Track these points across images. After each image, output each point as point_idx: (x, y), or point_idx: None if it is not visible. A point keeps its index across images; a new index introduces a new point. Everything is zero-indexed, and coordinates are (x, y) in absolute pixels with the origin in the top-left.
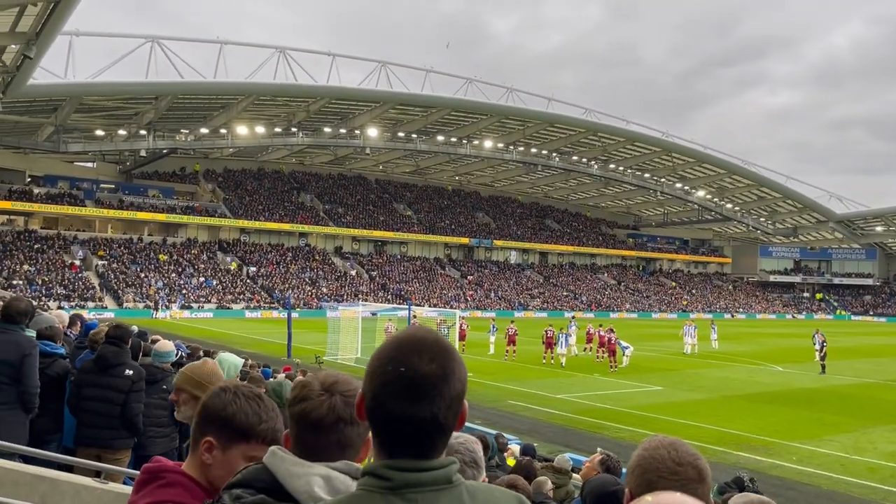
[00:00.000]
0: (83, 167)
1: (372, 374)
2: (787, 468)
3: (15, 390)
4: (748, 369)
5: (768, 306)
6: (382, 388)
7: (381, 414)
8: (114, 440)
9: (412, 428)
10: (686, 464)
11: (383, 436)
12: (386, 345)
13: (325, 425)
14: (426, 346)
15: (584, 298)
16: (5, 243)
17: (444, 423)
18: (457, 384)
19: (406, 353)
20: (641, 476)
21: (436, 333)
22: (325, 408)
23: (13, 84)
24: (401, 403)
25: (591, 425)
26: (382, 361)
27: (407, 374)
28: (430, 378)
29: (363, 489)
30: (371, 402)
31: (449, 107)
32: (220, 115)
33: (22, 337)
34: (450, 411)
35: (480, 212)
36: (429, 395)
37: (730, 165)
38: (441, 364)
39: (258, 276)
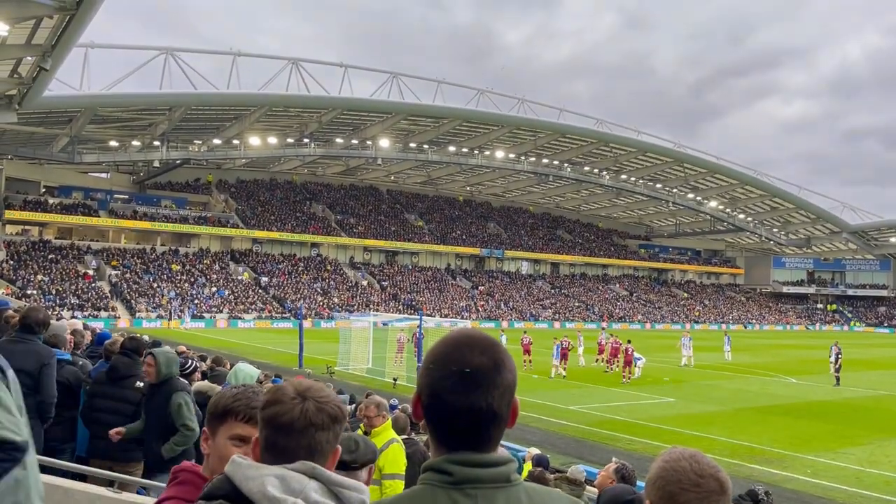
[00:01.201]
0: (97, 178)
1: (428, 371)
2: (803, 481)
3: (33, 400)
4: (762, 381)
5: (782, 317)
6: (439, 383)
7: (440, 407)
8: (125, 452)
9: (469, 418)
10: (708, 475)
11: (442, 430)
12: (438, 344)
13: (295, 429)
14: (476, 341)
15: (595, 309)
16: (20, 253)
17: (499, 412)
18: (508, 374)
19: (458, 349)
20: (663, 488)
21: (483, 331)
22: (297, 412)
23: (29, 95)
24: (457, 395)
25: (604, 437)
26: (437, 358)
27: (461, 367)
28: (483, 369)
29: (426, 483)
30: (428, 398)
31: (460, 118)
32: (233, 126)
33: (41, 347)
34: (503, 400)
35: (492, 222)
36: (483, 385)
37: (742, 176)
38: (491, 356)
39: (270, 287)
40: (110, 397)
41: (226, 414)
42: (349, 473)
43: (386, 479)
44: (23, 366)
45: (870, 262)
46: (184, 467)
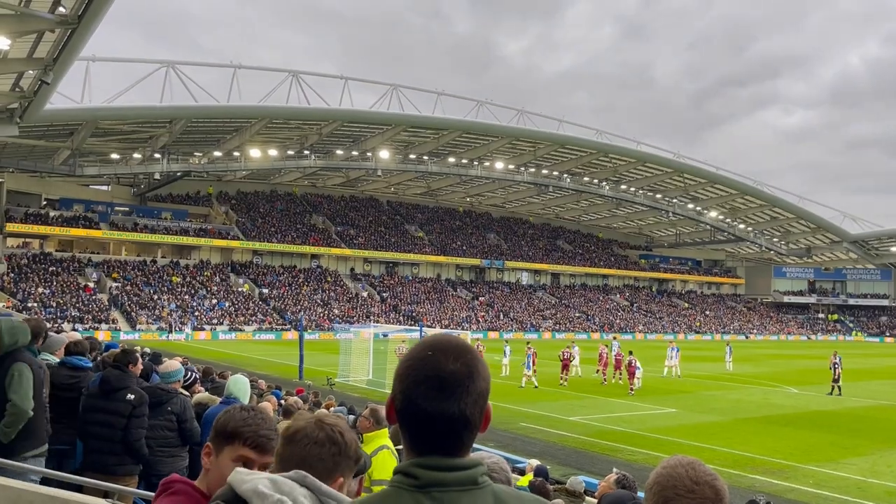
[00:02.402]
0: (98, 190)
1: (402, 376)
2: (804, 492)
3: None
4: (763, 391)
5: (783, 327)
6: (413, 388)
7: (412, 411)
8: (117, 466)
9: (441, 424)
10: (703, 483)
11: (414, 434)
12: (414, 349)
13: (294, 440)
14: (451, 348)
15: (596, 320)
16: (21, 266)
17: (471, 418)
18: (481, 382)
19: (433, 354)
20: (659, 493)
21: (459, 337)
22: (300, 425)
23: (30, 109)
24: (430, 400)
25: (605, 448)
26: (412, 363)
27: (435, 373)
28: (457, 375)
29: (393, 486)
30: (402, 402)
31: (460, 129)
32: (234, 139)
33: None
34: (476, 407)
35: (492, 233)
36: (456, 392)
37: (742, 186)
38: (465, 363)
39: (270, 298)
40: (102, 410)
41: (234, 436)
42: None
43: (375, 485)
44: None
45: (871, 271)
46: (175, 479)
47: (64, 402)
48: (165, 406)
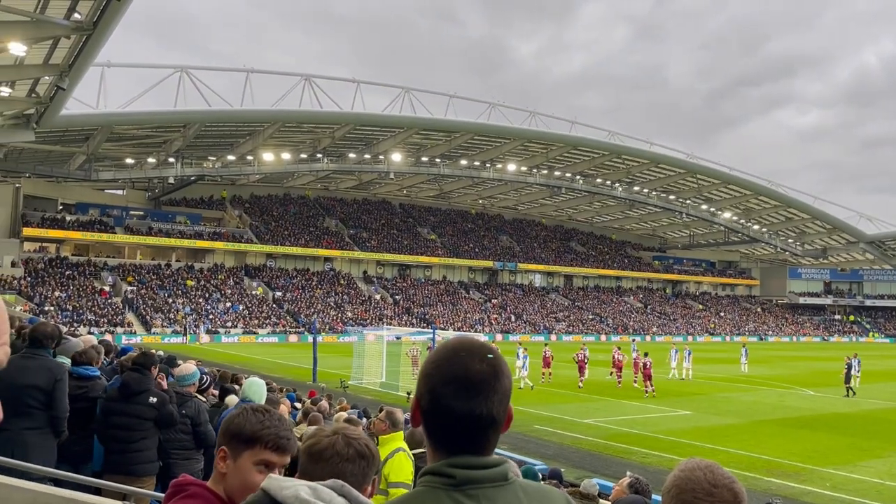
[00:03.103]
0: (113, 195)
1: (429, 376)
2: (821, 495)
3: (45, 415)
4: (779, 393)
5: (798, 329)
6: (441, 388)
7: (441, 412)
8: (137, 466)
9: (470, 424)
10: (722, 486)
11: (442, 435)
12: (438, 350)
13: (324, 457)
14: (476, 349)
15: (610, 321)
16: (38, 270)
17: (497, 417)
18: (505, 381)
19: (458, 355)
20: (677, 497)
21: (479, 339)
22: (327, 442)
23: (47, 115)
24: (459, 400)
25: (619, 450)
26: (439, 364)
27: (463, 373)
28: (483, 375)
29: (427, 486)
30: (430, 402)
31: (472, 131)
32: (247, 143)
33: (52, 363)
34: (501, 406)
35: (504, 235)
36: (484, 392)
37: (756, 186)
38: (490, 363)
39: (284, 301)
40: (124, 413)
41: (254, 440)
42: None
43: (392, 488)
44: (36, 381)
45: (888, 272)
46: (189, 481)
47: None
48: (180, 409)
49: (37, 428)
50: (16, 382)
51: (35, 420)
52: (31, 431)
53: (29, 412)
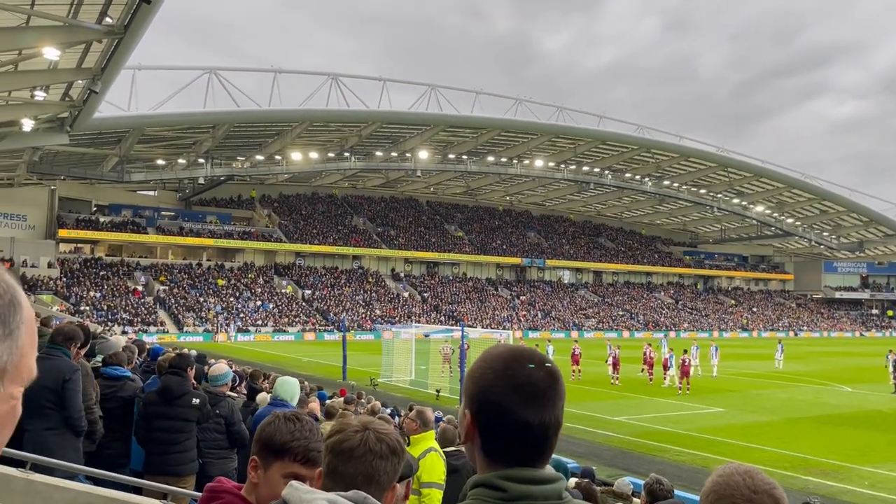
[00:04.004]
0: (145, 195)
1: (491, 387)
2: (860, 493)
3: (59, 415)
4: (815, 390)
5: (834, 324)
6: (509, 398)
7: (504, 423)
8: (181, 467)
9: (539, 432)
10: (762, 492)
11: (501, 446)
12: (494, 359)
13: (355, 455)
14: (533, 356)
15: (640, 318)
16: (73, 270)
17: (559, 424)
18: (563, 383)
19: (519, 363)
20: (716, 503)
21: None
22: (358, 439)
23: (80, 118)
24: (528, 409)
25: (651, 448)
26: (498, 373)
27: (528, 381)
28: (548, 381)
29: (477, 498)
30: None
31: (499, 128)
32: (275, 142)
33: (63, 362)
34: (562, 410)
35: (532, 231)
36: (551, 398)
37: (789, 179)
38: (548, 371)
39: (313, 299)
40: (166, 416)
41: (283, 452)
42: None
43: (424, 488)
44: (45, 382)
45: None
46: (225, 488)
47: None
48: (214, 409)
49: (54, 428)
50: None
51: (51, 420)
52: (49, 432)
53: (44, 413)
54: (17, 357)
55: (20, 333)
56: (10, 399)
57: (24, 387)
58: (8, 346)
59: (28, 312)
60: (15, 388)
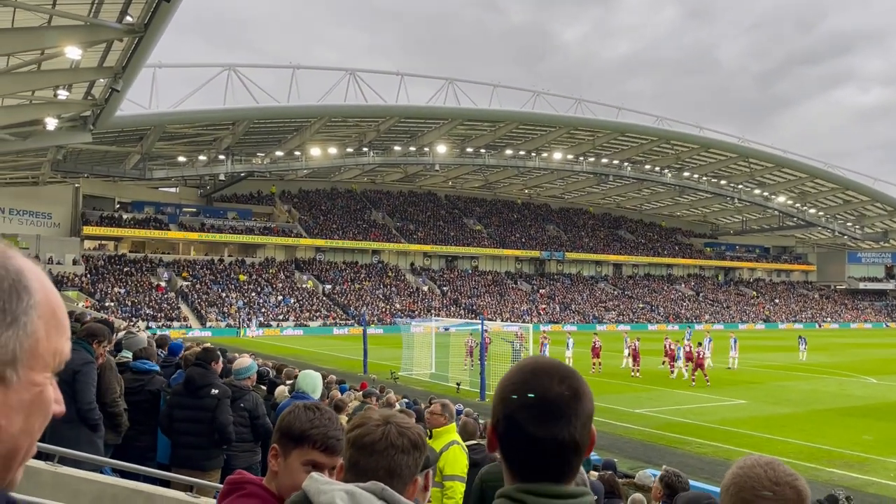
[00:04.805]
0: (167, 192)
1: (506, 400)
2: (885, 485)
3: (74, 407)
4: (839, 381)
5: (859, 315)
6: (519, 412)
7: (520, 438)
8: (205, 461)
9: (550, 449)
10: (784, 483)
11: (520, 461)
12: (514, 372)
13: (377, 450)
14: (554, 370)
15: (661, 310)
16: (98, 267)
17: (581, 442)
18: (587, 403)
19: (537, 377)
20: (737, 495)
21: (556, 359)
22: (379, 433)
23: (102, 116)
24: (538, 425)
25: (673, 440)
26: (515, 386)
27: (542, 396)
28: (564, 398)
29: None
30: (507, 428)
31: (517, 120)
32: (294, 138)
33: (76, 354)
34: (584, 430)
35: (551, 224)
36: (565, 416)
37: (811, 169)
38: (570, 385)
39: (334, 294)
40: (188, 407)
41: (302, 439)
42: None
43: (447, 481)
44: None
45: None
46: (247, 479)
47: (130, 405)
48: (238, 402)
49: (67, 420)
50: None
51: (66, 413)
52: (64, 424)
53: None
54: (32, 342)
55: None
56: (33, 386)
57: (52, 372)
58: (14, 334)
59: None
60: (36, 375)
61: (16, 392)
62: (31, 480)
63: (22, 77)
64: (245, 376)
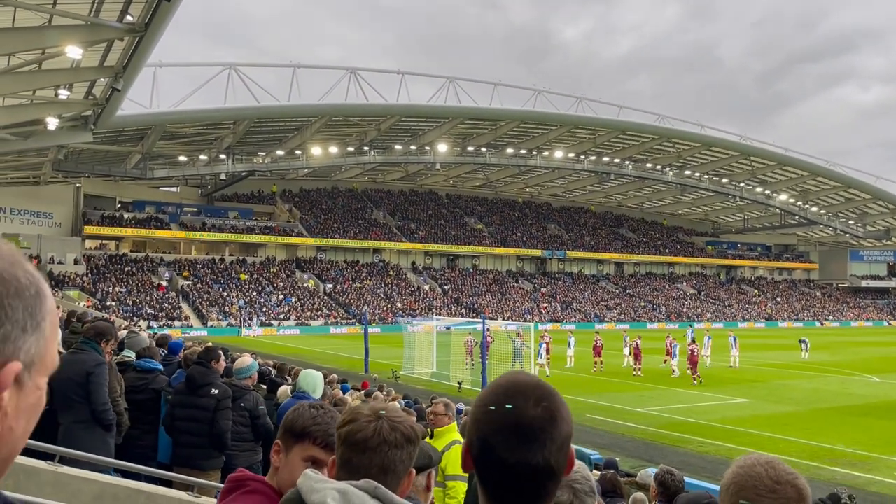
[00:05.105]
0: (168, 192)
1: (479, 422)
2: (888, 484)
3: (87, 408)
4: (841, 380)
5: (861, 313)
6: (492, 436)
7: (492, 461)
8: (205, 460)
9: (524, 475)
10: (785, 482)
11: (493, 484)
12: (489, 391)
13: (369, 446)
14: (530, 391)
15: (662, 309)
16: (99, 267)
17: (556, 467)
18: (564, 426)
19: (511, 399)
20: (737, 494)
21: (535, 377)
22: (371, 429)
23: (103, 116)
24: (512, 450)
25: (674, 439)
26: (487, 408)
27: (515, 420)
28: (539, 422)
29: None
30: (479, 451)
31: (517, 119)
32: (295, 137)
33: (88, 356)
34: (560, 454)
35: (552, 223)
36: (539, 440)
37: (813, 167)
38: (547, 407)
39: (335, 293)
40: (189, 406)
41: (304, 435)
42: None
43: (449, 480)
44: (70, 375)
45: None
46: (248, 476)
47: (133, 404)
48: (239, 402)
49: (81, 421)
50: (59, 377)
51: (78, 413)
52: (78, 425)
53: (71, 405)
54: (43, 348)
55: (46, 324)
56: (37, 390)
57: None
58: (36, 339)
59: (51, 303)
60: (41, 379)
61: (25, 396)
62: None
63: (23, 77)
64: (246, 376)
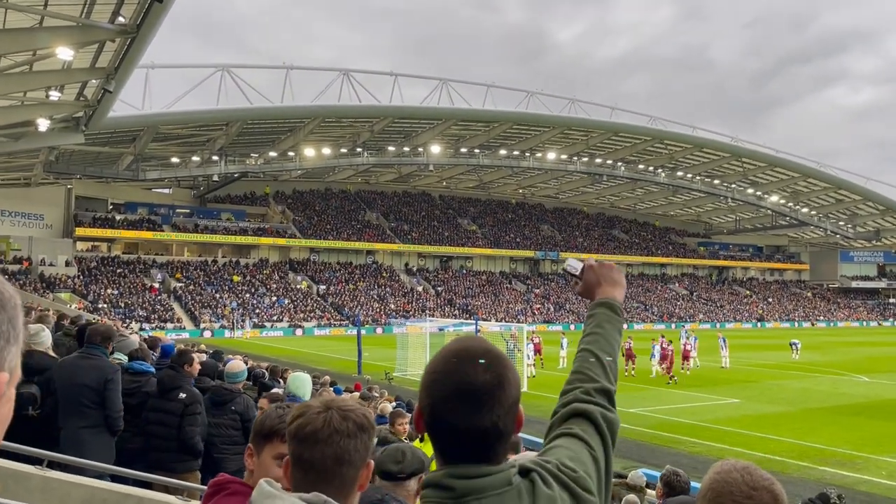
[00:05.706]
0: (160, 193)
1: (428, 388)
2: (877, 483)
3: (99, 413)
4: (832, 380)
5: (851, 314)
6: (442, 403)
7: (442, 427)
8: (175, 463)
9: (474, 438)
10: (761, 488)
11: (445, 447)
12: (438, 358)
13: (320, 438)
14: (477, 354)
15: (654, 310)
16: (90, 269)
17: (504, 429)
18: (512, 390)
19: (460, 365)
20: (714, 500)
21: (485, 341)
22: (321, 421)
23: (95, 117)
24: (461, 415)
25: (666, 440)
26: (437, 375)
27: (464, 386)
28: (487, 387)
29: (428, 501)
30: (430, 416)
31: (511, 120)
32: (288, 139)
33: (104, 362)
34: (508, 417)
35: (545, 224)
36: (488, 404)
37: (804, 168)
38: (495, 372)
39: (328, 295)
40: (158, 409)
41: (272, 435)
42: (397, 484)
43: None
44: (87, 381)
45: None
46: (229, 479)
47: (127, 408)
48: (229, 405)
49: (92, 426)
50: (70, 382)
51: (89, 419)
52: (87, 430)
53: (83, 411)
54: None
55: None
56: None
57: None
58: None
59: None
60: (12, 390)
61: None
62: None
63: (13, 78)
64: (238, 380)
